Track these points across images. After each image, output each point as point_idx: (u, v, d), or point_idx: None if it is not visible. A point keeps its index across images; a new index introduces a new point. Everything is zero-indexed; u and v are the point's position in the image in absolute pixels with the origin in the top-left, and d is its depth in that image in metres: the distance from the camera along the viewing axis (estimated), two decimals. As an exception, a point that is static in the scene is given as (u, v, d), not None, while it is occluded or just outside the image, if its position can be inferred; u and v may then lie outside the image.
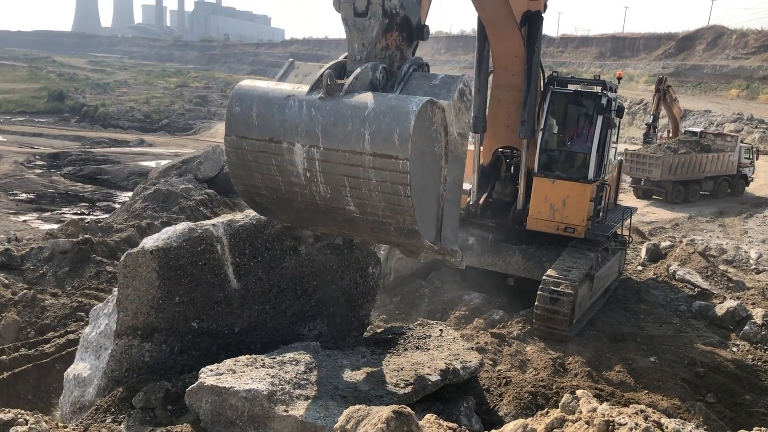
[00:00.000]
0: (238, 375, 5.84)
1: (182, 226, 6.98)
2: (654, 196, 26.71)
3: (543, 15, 11.05)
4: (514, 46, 10.97)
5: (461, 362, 6.87)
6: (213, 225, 7.06)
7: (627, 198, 26.87)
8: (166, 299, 6.62)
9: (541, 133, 11.61)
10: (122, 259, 6.65)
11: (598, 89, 11.77)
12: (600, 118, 11.45)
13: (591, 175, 11.46)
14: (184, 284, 6.71)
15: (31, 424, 5.51)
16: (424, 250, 5.86)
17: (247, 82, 5.80)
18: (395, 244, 6.08)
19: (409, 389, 6.13)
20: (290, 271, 7.35)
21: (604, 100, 11.48)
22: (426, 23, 6.07)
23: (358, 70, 5.36)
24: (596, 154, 11.47)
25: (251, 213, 7.35)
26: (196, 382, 5.78)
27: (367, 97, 5.09)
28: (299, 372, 6.12)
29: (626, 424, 4.16)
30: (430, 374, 6.45)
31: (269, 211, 6.14)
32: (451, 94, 5.37)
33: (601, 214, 12.29)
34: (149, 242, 6.76)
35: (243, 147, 5.56)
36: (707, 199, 27.07)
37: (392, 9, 5.54)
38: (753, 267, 16.62)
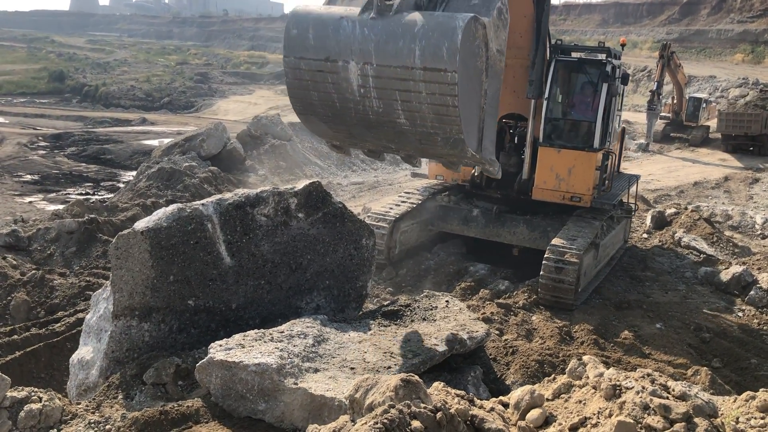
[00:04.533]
0: (247, 349, 5.90)
1: (172, 207, 7.06)
2: (739, 150, 29.29)
3: None
4: (523, 6, 10.80)
5: (468, 332, 6.91)
6: (202, 204, 7.10)
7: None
8: (160, 279, 6.68)
9: (545, 102, 11.50)
10: (114, 241, 6.71)
11: (602, 57, 11.65)
12: (605, 86, 11.35)
13: (596, 143, 11.41)
14: (177, 263, 6.76)
15: (45, 401, 5.60)
16: (465, 160, 6.43)
17: (302, 6, 6.23)
18: (438, 156, 6.63)
19: (417, 360, 6.19)
20: (283, 245, 7.40)
21: (608, 68, 11.37)
22: None
23: None
24: (601, 122, 11.41)
25: (240, 191, 7.47)
26: (206, 358, 5.84)
27: (416, 16, 5.67)
28: (307, 345, 6.18)
29: (633, 387, 4.19)
30: (438, 344, 6.50)
31: (322, 129, 6.62)
32: (491, 11, 5.77)
33: (606, 182, 12.26)
34: (140, 224, 6.82)
35: (300, 67, 6.08)
36: None
37: None
38: (759, 232, 16.60)
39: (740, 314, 10.72)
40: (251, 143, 24.88)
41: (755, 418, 4.11)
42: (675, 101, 32.33)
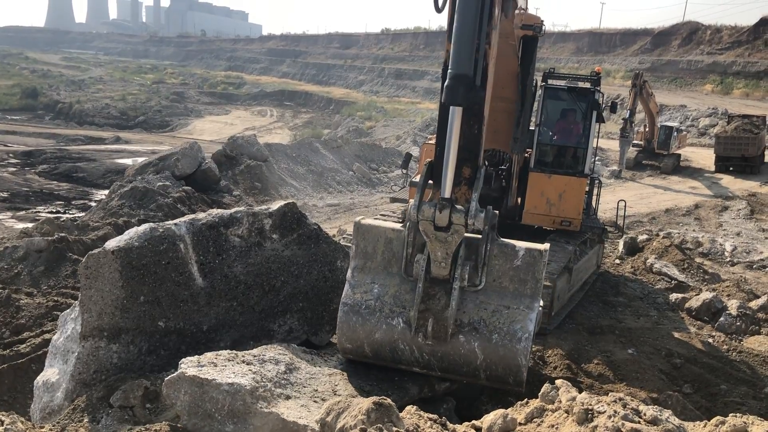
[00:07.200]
0: (220, 368, 5.78)
1: (144, 227, 6.90)
2: (730, 168, 30.79)
3: (539, 36, 11.12)
4: (510, 66, 10.91)
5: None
6: (175, 224, 6.96)
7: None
8: (130, 299, 6.55)
9: (536, 129, 11.77)
10: (84, 260, 6.57)
11: (590, 85, 12.13)
12: (594, 114, 11.72)
13: (586, 169, 11.68)
14: (148, 284, 6.63)
15: (7, 424, 5.43)
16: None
17: (347, 313, 6.34)
18: None
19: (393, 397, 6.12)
20: (256, 267, 7.29)
21: (597, 96, 11.76)
22: None
23: (452, 309, 5.89)
24: (591, 148, 11.74)
25: (214, 211, 7.38)
26: (177, 372, 5.69)
27: (473, 344, 5.83)
28: (280, 372, 6.07)
29: (605, 412, 4.20)
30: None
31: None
32: (538, 285, 5.96)
33: (592, 206, 12.52)
34: (111, 243, 6.68)
35: (358, 361, 6.44)
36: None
37: (474, 227, 5.86)
38: (728, 259, 16.85)
39: (710, 340, 10.83)
40: (226, 163, 24.78)
41: (725, 444, 4.13)
42: (647, 129, 32.89)
